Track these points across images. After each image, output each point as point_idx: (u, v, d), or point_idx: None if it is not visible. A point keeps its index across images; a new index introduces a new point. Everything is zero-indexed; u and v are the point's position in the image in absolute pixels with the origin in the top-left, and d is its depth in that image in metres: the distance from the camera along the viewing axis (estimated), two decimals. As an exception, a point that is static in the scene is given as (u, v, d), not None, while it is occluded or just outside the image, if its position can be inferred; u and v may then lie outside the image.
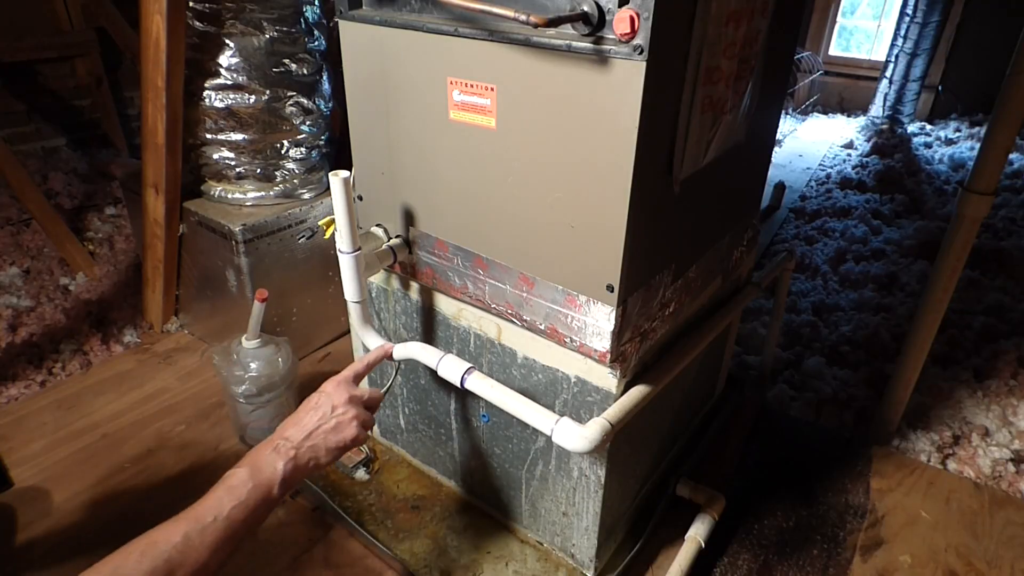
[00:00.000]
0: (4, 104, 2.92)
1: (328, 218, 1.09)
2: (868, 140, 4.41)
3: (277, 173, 1.77)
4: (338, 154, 1.96)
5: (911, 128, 4.71)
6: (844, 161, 4.11)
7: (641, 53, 0.76)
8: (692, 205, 1.05)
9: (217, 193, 1.78)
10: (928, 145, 4.35)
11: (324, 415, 0.92)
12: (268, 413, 1.50)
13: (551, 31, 0.82)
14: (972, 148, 4.18)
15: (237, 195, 1.76)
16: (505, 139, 0.95)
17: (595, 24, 0.79)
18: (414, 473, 1.49)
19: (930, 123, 4.85)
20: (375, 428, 1.56)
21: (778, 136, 3.99)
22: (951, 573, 1.34)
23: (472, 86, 0.94)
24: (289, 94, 1.72)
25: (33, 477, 1.47)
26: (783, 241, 3.03)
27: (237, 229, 1.65)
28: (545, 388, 1.12)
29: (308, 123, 1.78)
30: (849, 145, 4.43)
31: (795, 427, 1.75)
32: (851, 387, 1.97)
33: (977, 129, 4.56)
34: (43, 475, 1.48)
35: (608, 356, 0.98)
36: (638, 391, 1.04)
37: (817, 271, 2.71)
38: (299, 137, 1.77)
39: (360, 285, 1.09)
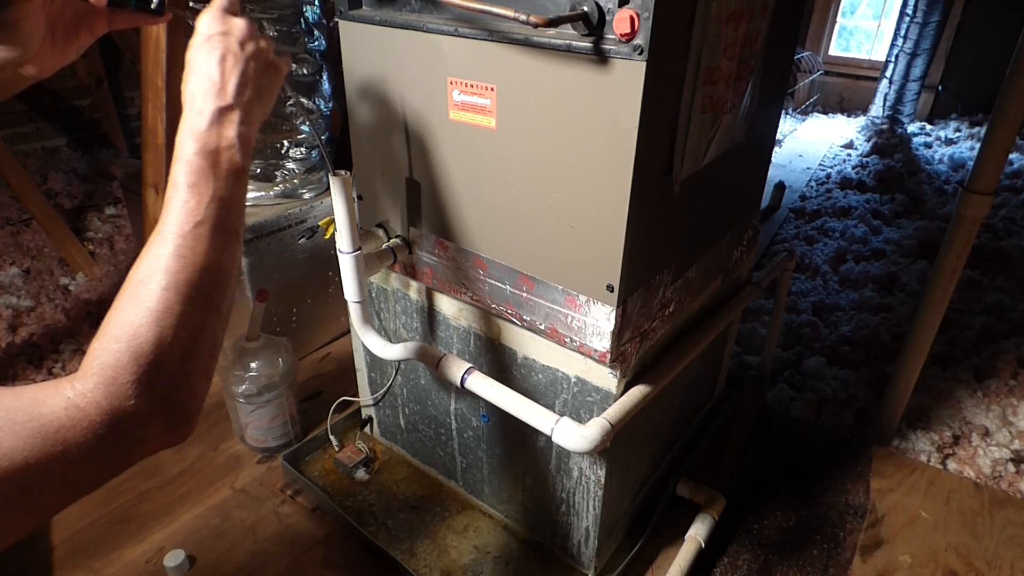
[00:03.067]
0: (4, 104, 2.92)
1: (328, 218, 1.09)
2: (868, 140, 4.42)
3: (277, 173, 1.77)
4: (338, 154, 1.96)
5: (911, 128, 4.71)
6: (844, 161, 4.11)
7: (641, 53, 0.76)
8: (692, 205, 1.05)
9: (217, 193, 1.77)
10: (928, 145, 4.35)
11: (236, 57, 0.67)
12: (268, 413, 1.50)
13: (551, 31, 0.82)
14: (972, 148, 4.18)
15: (237, 195, 1.76)
16: (505, 139, 0.95)
17: (595, 24, 0.79)
18: (414, 473, 1.49)
19: (930, 123, 4.85)
20: (375, 428, 1.56)
21: (778, 136, 3.98)
22: (951, 573, 1.34)
23: (472, 86, 0.94)
24: (289, 94, 1.72)
25: (33, 477, 1.47)
26: (783, 241, 3.03)
27: (237, 229, 1.64)
28: (545, 388, 1.12)
29: (308, 123, 1.78)
30: (849, 145, 4.43)
31: (795, 427, 1.75)
32: (851, 387, 1.97)
33: (977, 129, 4.56)
34: (43, 475, 1.48)
35: (608, 356, 0.98)
36: (638, 391, 1.04)
37: (817, 271, 2.71)
38: (299, 137, 1.77)
39: (360, 285, 1.09)
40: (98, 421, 0.50)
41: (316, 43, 1.76)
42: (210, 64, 0.66)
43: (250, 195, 1.76)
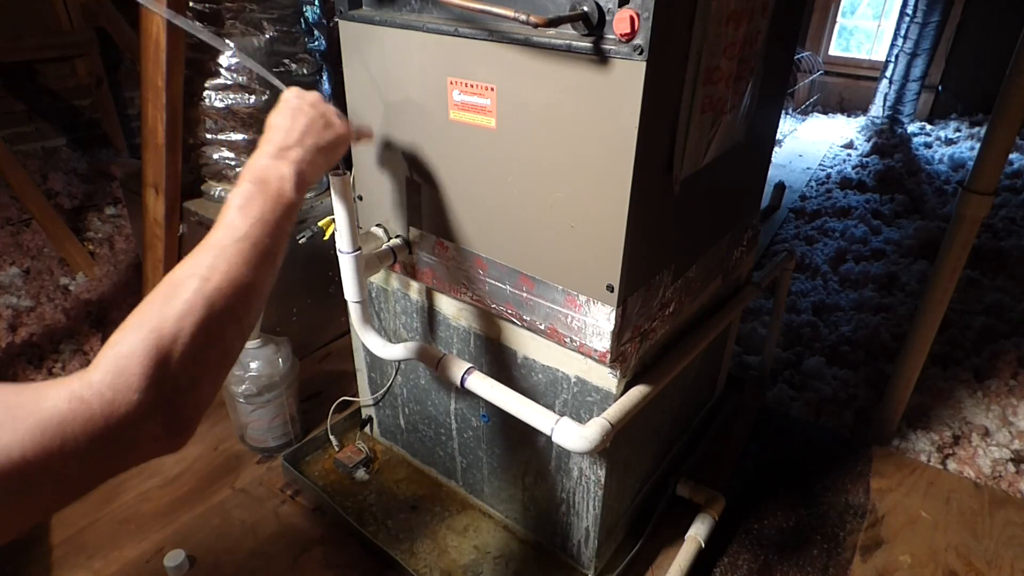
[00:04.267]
0: (4, 104, 2.92)
1: (328, 218, 1.09)
2: (868, 140, 4.42)
3: (277, 173, 1.77)
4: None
5: (911, 128, 4.71)
6: (844, 161, 4.11)
7: (641, 53, 0.76)
8: (692, 205, 1.05)
9: (217, 193, 1.78)
10: (928, 145, 4.35)
11: (306, 113, 0.81)
12: (268, 413, 1.50)
13: (551, 31, 0.82)
14: (972, 148, 4.18)
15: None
16: (505, 139, 0.95)
17: (595, 24, 0.79)
18: (414, 473, 1.49)
19: (930, 123, 4.85)
20: (375, 428, 1.56)
21: (778, 136, 3.99)
22: (951, 573, 1.34)
23: (472, 86, 0.94)
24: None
25: (33, 477, 1.47)
26: (783, 241, 3.03)
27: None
28: (545, 388, 1.12)
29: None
30: (849, 145, 4.43)
31: (795, 427, 1.75)
32: (851, 387, 1.97)
33: (977, 129, 4.56)
34: (43, 475, 1.48)
35: (608, 356, 0.98)
36: (638, 391, 1.04)
37: (817, 271, 2.71)
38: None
39: (360, 285, 1.09)
40: (99, 414, 0.50)
41: (316, 43, 1.76)
42: (284, 116, 0.81)
43: (250, 195, 1.76)
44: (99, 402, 0.51)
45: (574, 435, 0.95)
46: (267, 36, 1.63)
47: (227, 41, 1.59)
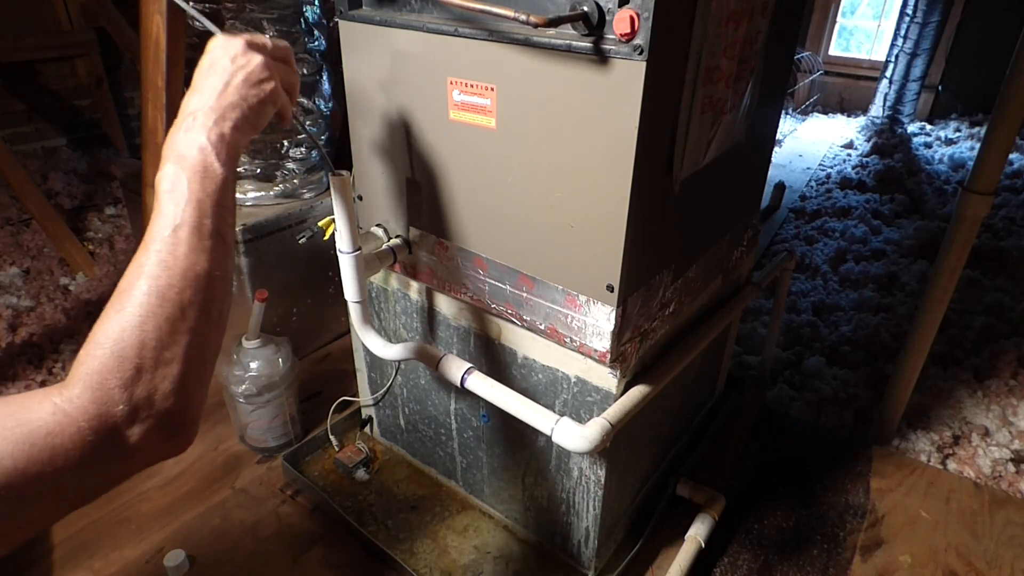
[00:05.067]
0: (4, 104, 2.92)
1: (328, 218, 1.09)
2: (868, 140, 4.42)
3: (277, 173, 1.77)
4: (338, 154, 1.95)
5: (911, 128, 4.71)
6: (844, 161, 4.11)
7: (641, 53, 0.76)
8: (692, 205, 1.05)
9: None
10: (928, 145, 4.35)
11: (225, 69, 0.69)
12: (268, 413, 1.50)
13: (551, 31, 0.82)
14: (972, 148, 4.18)
15: (237, 195, 1.76)
16: (505, 139, 0.95)
17: (595, 24, 0.79)
18: (414, 473, 1.49)
19: (930, 123, 4.85)
20: (375, 428, 1.56)
21: (778, 136, 3.99)
22: (951, 573, 1.34)
23: (472, 86, 0.94)
24: (289, 94, 1.72)
25: (33, 477, 1.47)
26: (783, 241, 3.03)
27: (237, 229, 1.65)
28: (545, 388, 1.12)
29: (308, 123, 1.78)
30: (849, 145, 4.43)
31: (795, 427, 1.75)
32: (851, 387, 1.97)
33: (977, 129, 4.56)
34: (43, 475, 1.48)
35: (608, 356, 0.98)
36: (638, 391, 1.04)
37: (817, 271, 2.71)
38: (299, 137, 1.77)
39: (360, 285, 1.09)
40: (86, 427, 0.50)
41: (316, 43, 1.76)
42: (201, 75, 0.70)
43: (250, 195, 1.76)
44: (84, 416, 0.50)
45: (574, 435, 0.95)
46: (267, 36, 1.63)
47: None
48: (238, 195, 1.76)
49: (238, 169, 1.74)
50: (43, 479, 0.48)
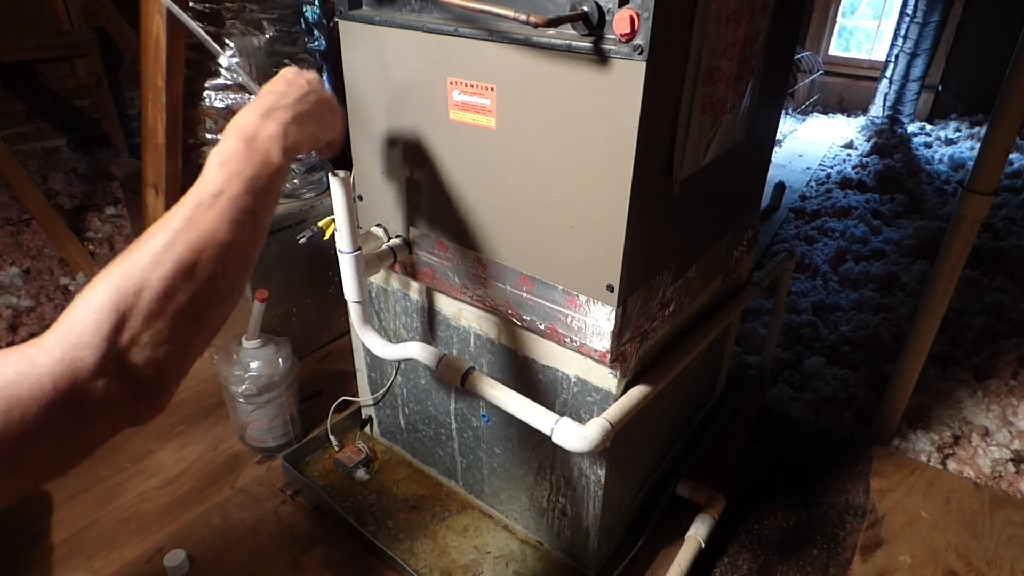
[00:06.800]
0: (4, 104, 2.92)
1: (328, 218, 1.09)
2: (868, 140, 4.42)
3: (277, 173, 1.77)
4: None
5: (911, 128, 4.71)
6: (844, 161, 4.11)
7: (641, 53, 0.76)
8: (692, 205, 1.05)
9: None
10: (928, 145, 4.35)
11: (301, 86, 0.76)
12: (268, 413, 1.50)
13: (551, 31, 0.82)
14: (972, 148, 4.18)
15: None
16: (505, 139, 0.95)
17: (595, 24, 0.79)
18: (414, 473, 1.49)
19: (930, 123, 4.85)
20: (375, 428, 1.56)
21: (778, 136, 3.99)
22: (951, 573, 1.34)
23: (472, 86, 0.94)
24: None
25: (33, 477, 1.47)
26: (783, 241, 3.03)
27: (237, 229, 1.64)
28: (545, 388, 1.12)
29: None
30: (849, 145, 4.43)
31: (795, 427, 1.75)
32: (851, 387, 1.97)
33: (977, 129, 4.56)
34: (43, 475, 1.48)
35: (608, 356, 0.98)
36: (638, 391, 1.04)
37: (817, 271, 2.71)
38: (299, 137, 1.77)
39: (360, 285, 1.09)
40: (46, 374, 0.46)
41: (316, 43, 1.77)
42: (277, 84, 0.76)
43: (250, 195, 1.76)
44: (47, 361, 0.47)
45: (574, 435, 0.95)
46: (267, 36, 1.63)
47: (223, 44, 1.59)
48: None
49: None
50: (7, 434, 0.44)
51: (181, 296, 0.54)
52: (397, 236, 1.19)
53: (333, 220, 1.05)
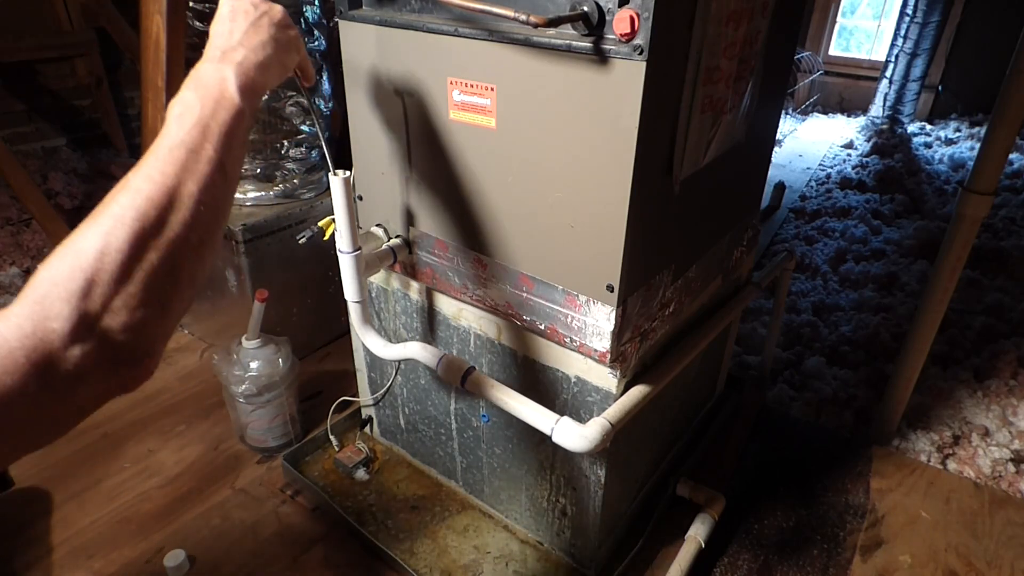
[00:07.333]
0: (4, 104, 2.92)
1: (328, 218, 1.09)
2: (868, 140, 4.42)
3: (277, 173, 1.77)
4: (338, 154, 1.95)
5: (911, 128, 4.71)
6: (844, 161, 4.11)
7: (641, 53, 0.76)
8: (692, 205, 1.05)
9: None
10: (928, 145, 4.35)
11: (248, 12, 0.71)
12: (268, 413, 1.50)
13: (551, 31, 0.82)
14: (972, 148, 4.18)
15: (237, 195, 1.76)
16: (505, 139, 0.95)
17: (595, 24, 0.79)
18: (414, 473, 1.49)
19: (930, 123, 4.85)
20: (375, 428, 1.56)
21: (778, 136, 3.99)
22: (951, 573, 1.34)
23: (472, 86, 0.94)
24: (289, 94, 1.72)
25: (33, 477, 1.47)
26: (783, 241, 3.03)
27: (237, 229, 1.65)
28: (545, 388, 1.12)
29: (308, 123, 1.78)
30: (849, 145, 4.43)
31: (795, 427, 1.75)
32: (851, 387, 1.97)
33: (977, 129, 4.56)
34: (43, 475, 1.48)
35: (608, 356, 0.98)
36: (638, 391, 1.04)
37: (817, 271, 2.71)
38: (299, 137, 1.77)
39: (360, 285, 1.09)
40: (17, 346, 0.45)
41: (316, 43, 1.76)
42: (222, 21, 0.70)
43: (250, 195, 1.76)
44: (17, 335, 0.45)
45: (574, 435, 0.95)
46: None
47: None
48: (238, 195, 1.76)
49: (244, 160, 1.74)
50: None
51: (151, 255, 0.52)
52: (397, 236, 1.19)
53: (333, 220, 1.05)
